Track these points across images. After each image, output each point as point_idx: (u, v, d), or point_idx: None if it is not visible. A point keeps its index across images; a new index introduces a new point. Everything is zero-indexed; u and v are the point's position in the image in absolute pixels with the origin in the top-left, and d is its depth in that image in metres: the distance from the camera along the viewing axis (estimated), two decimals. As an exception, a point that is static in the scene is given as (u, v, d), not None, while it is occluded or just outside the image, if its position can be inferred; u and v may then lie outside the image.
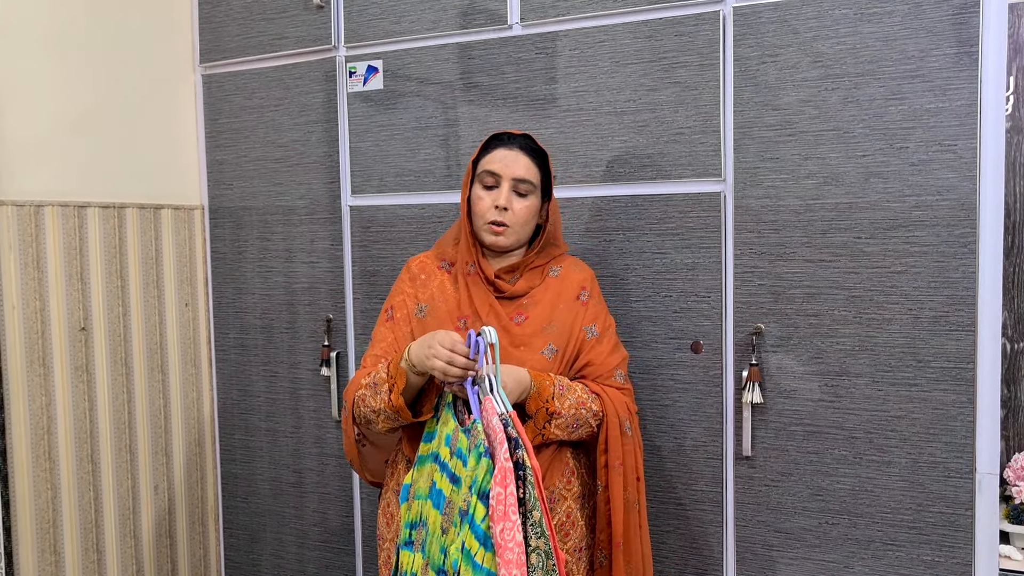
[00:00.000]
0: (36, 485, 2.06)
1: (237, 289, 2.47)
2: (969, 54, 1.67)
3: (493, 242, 1.68)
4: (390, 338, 1.71)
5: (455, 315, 1.69)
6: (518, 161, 1.67)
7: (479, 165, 1.71)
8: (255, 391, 2.47)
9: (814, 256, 1.81)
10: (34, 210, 2.04)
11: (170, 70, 2.43)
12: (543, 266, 1.74)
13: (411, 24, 2.17)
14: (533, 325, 1.67)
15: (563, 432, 1.60)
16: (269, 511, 2.48)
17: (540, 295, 1.70)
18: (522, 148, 1.69)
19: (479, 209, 1.68)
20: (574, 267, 1.76)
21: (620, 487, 1.63)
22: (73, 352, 2.14)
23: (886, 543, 1.79)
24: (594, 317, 1.71)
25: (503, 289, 1.69)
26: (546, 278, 1.73)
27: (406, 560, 1.53)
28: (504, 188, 1.66)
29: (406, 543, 1.54)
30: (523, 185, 1.67)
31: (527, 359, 1.63)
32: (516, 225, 1.68)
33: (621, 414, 1.65)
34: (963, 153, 1.69)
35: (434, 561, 1.46)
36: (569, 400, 1.59)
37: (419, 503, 1.54)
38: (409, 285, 1.75)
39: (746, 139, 1.86)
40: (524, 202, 1.68)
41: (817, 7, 1.78)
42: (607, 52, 1.97)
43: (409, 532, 1.54)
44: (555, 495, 1.65)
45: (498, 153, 1.69)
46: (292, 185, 2.36)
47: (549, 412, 1.58)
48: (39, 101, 2.07)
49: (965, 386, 1.71)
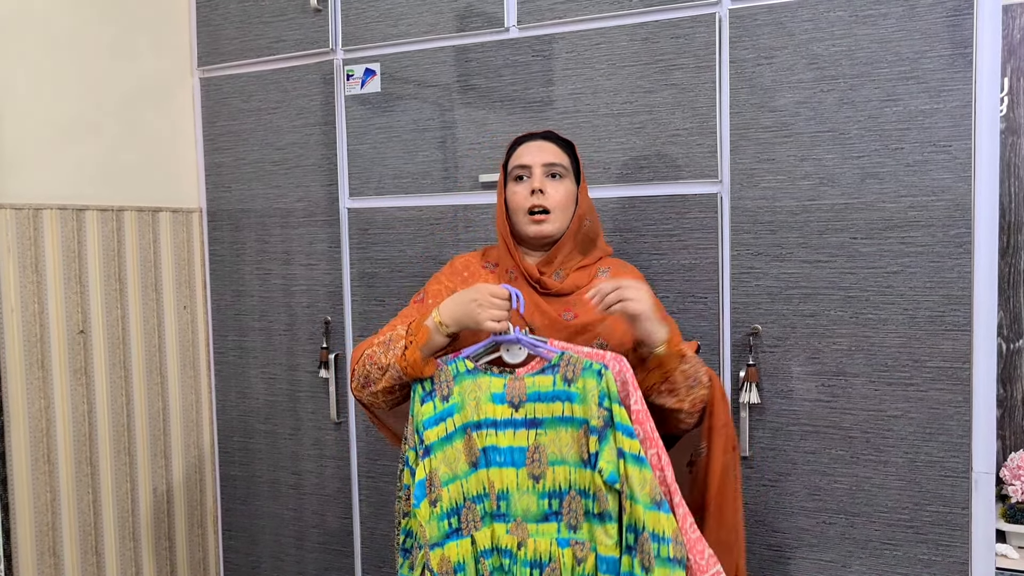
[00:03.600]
0: (35, 488, 2.06)
1: (236, 292, 2.48)
2: (964, 56, 1.68)
3: (537, 231, 1.64)
4: (415, 316, 1.64)
5: None
6: (544, 149, 1.67)
7: (509, 166, 1.70)
8: (254, 393, 2.47)
9: (811, 257, 1.82)
10: (33, 213, 2.04)
11: (168, 73, 2.44)
12: (591, 266, 1.70)
13: (408, 27, 2.18)
14: (583, 320, 1.62)
15: (683, 381, 1.52)
16: (268, 513, 2.48)
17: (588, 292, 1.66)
18: (547, 138, 1.70)
19: (516, 202, 1.66)
20: (623, 268, 1.73)
21: (721, 449, 1.59)
22: (72, 355, 2.14)
23: (883, 542, 1.80)
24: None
25: (549, 286, 1.65)
26: (594, 278, 1.68)
27: (450, 552, 1.48)
28: (537, 174, 1.64)
29: (447, 536, 1.49)
30: (555, 168, 1.65)
31: None
32: (556, 209, 1.64)
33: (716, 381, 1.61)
34: (958, 154, 1.70)
35: (530, 513, 1.49)
36: (689, 353, 1.54)
37: (462, 483, 1.51)
38: (449, 278, 1.72)
39: (742, 141, 1.87)
40: (560, 184, 1.65)
41: (812, 9, 1.79)
42: (604, 54, 1.98)
43: (448, 523, 1.49)
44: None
45: (523, 147, 1.69)
46: (290, 188, 2.37)
47: (680, 355, 1.51)
48: (37, 105, 2.07)
49: (961, 385, 1.72)
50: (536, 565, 1.46)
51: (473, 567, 1.48)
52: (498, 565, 1.49)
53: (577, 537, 1.46)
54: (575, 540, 1.46)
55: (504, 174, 1.71)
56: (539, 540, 1.47)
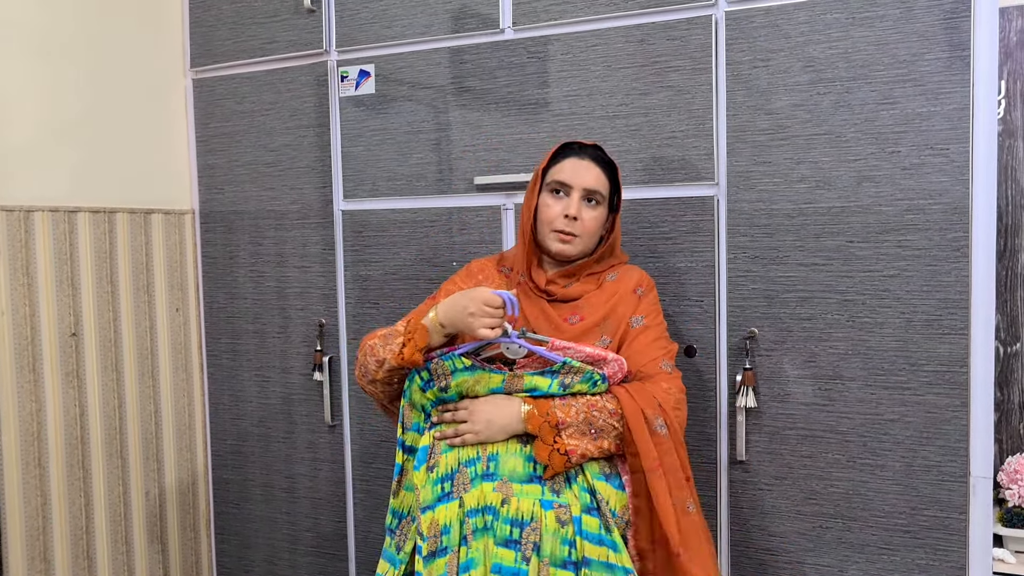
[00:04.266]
0: (26, 492, 2.04)
1: (229, 294, 2.46)
2: (961, 58, 1.68)
3: (560, 250, 1.66)
4: (426, 312, 1.65)
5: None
6: (590, 171, 1.66)
7: (548, 174, 1.69)
8: (247, 396, 2.46)
9: (807, 260, 1.81)
10: (24, 215, 2.02)
11: (161, 74, 2.42)
12: (600, 273, 1.72)
13: (403, 28, 2.17)
14: (587, 323, 1.64)
15: (582, 441, 1.52)
16: (261, 517, 2.47)
17: (596, 297, 1.68)
18: (593, 159, 1.68)
19: (547, 216, 1.66)
20: (631, 270, 1.73)
21: (665, 491, 1.51)
22: (63, 358, 2.12)
23: (880, 547, 1.79)
24: (645, 311, 1.66)
25: (554, 293, 1.68)
26: (603, 283, 1.70)
27: (440, 515, 1.51)
28: (575, 198, 1.65)
29: (439, 499, 1.53)
30: (594, 195, 1.66)
31: None
32: (585, 236, 1.66)
33: (648, 411, 1.52)
34: (955, 157, 1.69)
35: (516, 474, 1.54)
36: (575, 407, 1.53)
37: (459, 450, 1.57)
38: (463, 281, 1.74)
39: (739, 143, 1.86)
40: (593, 213, 1.67)
41: (809, 11, 1.78)
42: (599, 56, 1.97)
43: (442, 487, 1.54)
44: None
45: (568, 163, 1.67)
46: (284, 189, 2.35)
47: (552, 424, 1.51)
48: (29, 106, 2.06)
49: (959, 390, 1.72)
50: (517, 524, 1.49)
51: (458, 528, 1.52)
52: (482, 524, 1.51)
53: (560, 500, 1.50)
54: (558, 503, 1.50)
55: (541, 178, 1.70)
56: (522, 499, 1.51)
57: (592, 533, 1.49)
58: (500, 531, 1.49)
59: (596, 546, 1.48)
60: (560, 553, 1.47)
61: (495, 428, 1.55)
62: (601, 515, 1.52)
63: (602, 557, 1.48)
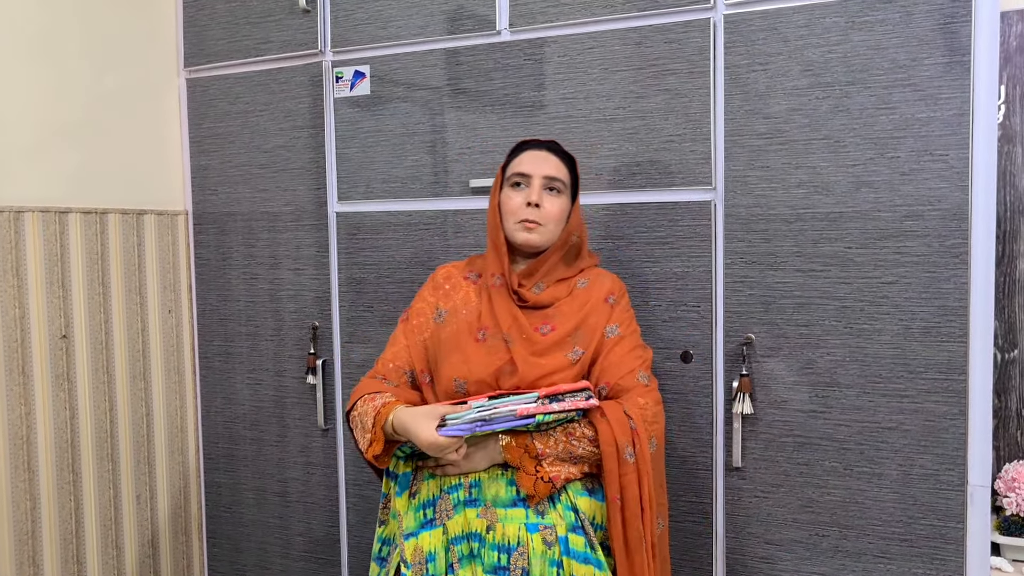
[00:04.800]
0: (14, 496, 2.02)
1: (221, 296, 2.44)
2: (961, 63, 1.66)
3: (526, 240, 1.66)
4: (402, 343, 1.73)
5: (475, 327, 1.66)
6: (548, 161, 1.68)
7: (508, 169, 1.71)
8: (239, 399, 2.44)
9: (804, 266, 1.80)
10: (14, 216, 2.00)
11: (154, 74, 2.40)
12: (570, 279, 1.71)
13: (399, 29, 2.15)
14: (559, 333, 1.63)
15: (563, 467, 1.53)
16: (253, 521, 2.45)
17: (567, 306, 1.67)
18: (551, 150, 1.71)
19: (510, 207, 1.67)
20: (602, 276, 1.73)
21: (619, 525, 1.52)
22: (54, 360, 2.10)
23: (877, 555, 1.78)
24: (618, 320, 1.67)
25: (527, 298, 1.67)
26: (573, 290, 1.70)
27: (423, 541, 1.50)
28: (535, 185, 1.66)
29: (422, 526, 1.53)
30: (554, 182, 1.67)
31: (550, 364, 1.60)
32: (549, 223, 1.66)
33: (620, 439, 1.52)
34: (954, 162, 1.68)
35: (499, 499, 1.53)
36: (554, 437, 1.53)
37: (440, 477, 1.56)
38: (431, 293, 1.76)
39: (736, 147, 1.84)
40: (556, 200, 1.67)
41: (808, 15, 1.77)
42: (596, 59, 1.95)
43: (424, 513, 1.54)
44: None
45: (527, 155, 1.70)
46: (277, 191, 2.33)
47: (532, 455, 1.52)
48: (19, 105, 2.04)
49: (957, 397, 1.70)
50: (504, 549, 1.48)
51: (443, 555, 1.50)
52: (468, 552, 1.50)
53: (545, 522, 1.50)
54: (543, 525, 1.49)
55: (502, 176, 1.72)
56: (507, 525, 1.50)
57: (578, 552, 1.49)
58: (488, 558, 1.48)
59: (582, 565, 1.48)
60: (548, 575, 1.46)
61: (475, 459, 1.55)
62: (585, 533, 1.52)
63: (588, 575, 1.47)
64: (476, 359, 1.62)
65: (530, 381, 1.58)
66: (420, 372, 1.70)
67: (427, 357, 1.70)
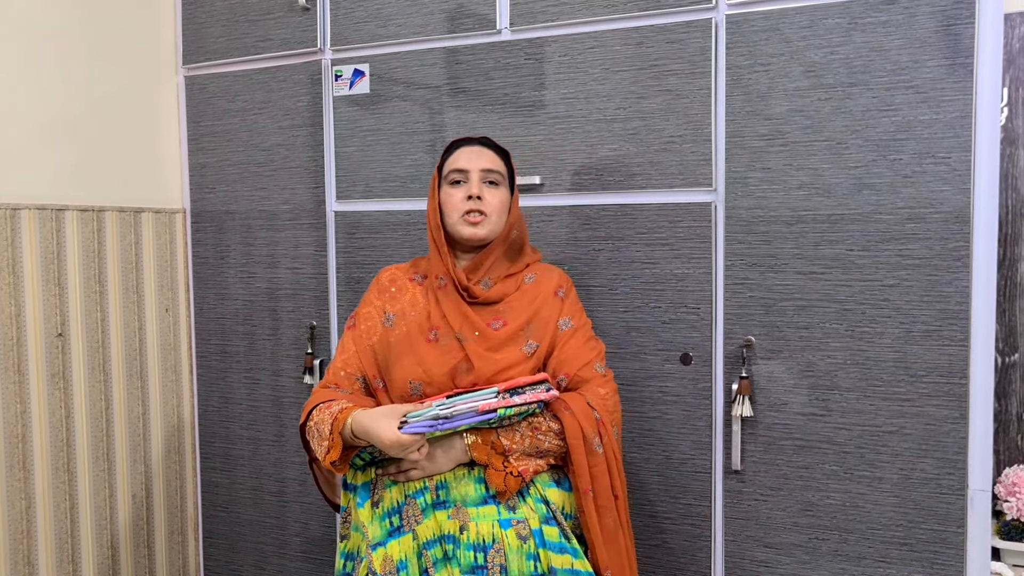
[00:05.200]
0: (10, 495, 2.01)
1: (219, 295, 2.43)
2: (964, 65, 1.65)
3: (472, 233, 1.66)
4: (352, 349, 1.71)
5: (425, 327, 1.67)
6: (483, 155, 1.71)
7: (445, 168, 1.72)
8: (236, 398, 2.43)
9: (805, 268, 1.79)
10: (10, 213, 1.99)
11: (152, 71, 2.39)
12: (517, 274, 1.73)
13: (398, 28, 2.14)
14: (511, 328, 1.65)
15: (531, 460, 1.55)
16: (250, 520, 2.44)
17: (516, 300, 1.69)
18: (484, 144, 1.73)
19: (452, 205, 1.68)
20: (549, 271, 1.76)
21: (594, 515, 1.56)
22: (49, 358, 2.09)
23: (877, 559, 1.77)
24: (570, 312, 1.70)
25: (476, 295, 1.67)
26: (521, 285, 1.72)
27: (392, 550, 1.48)
28: (474, 179, 1.68)
29: (390, 534, 1.50)
30: (492, 175, 1.69)
31: (506, 359, 1.62)
32: (492, 214, 1.68)
33: (588, 431, 1.56)
34: (956, 165, 1.67)
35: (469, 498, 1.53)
36: (520, 432, 1.54)
37: (403, 484, 1.54)
38: (377, 297, 1.75)
39: (737, 148, 1.83)
40: (496, 192, 1.70)
41: (810, 16, 1.76)
42: (597, 59, 1.94)
43: (390, 521, 1.52)
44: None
45: (462, 152, 1.72)
46: (276, 190, 2.32)
47: (499, 451, 1.53)
48: (16, 102, 2.02)
49: (957, 401, 1.69)
50: (480, 548, 1.48)
51: (416, 562, 1.49)
52: (441, 555, 1.49)
53: (517, 517, 1.50)
54: (516, 520, 1.50)
55: (439, 176, 1.74)
56: (481, 523, 1.50)
57: (553, 542, 1.49)
58: (464, 559, 1.47)
59: (559, 555, 1.48)
60: (527, 569, 1.46)
61: (440, 461, 1.54)
62: (558, 524, 1.52)
63: (566, 565, 1.48)
64: (430, 359, 1.63)
65: (487, 377, 1.59)
66: (372, 378, 1.69)
67: (377, 362, 1.69)
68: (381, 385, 1.68)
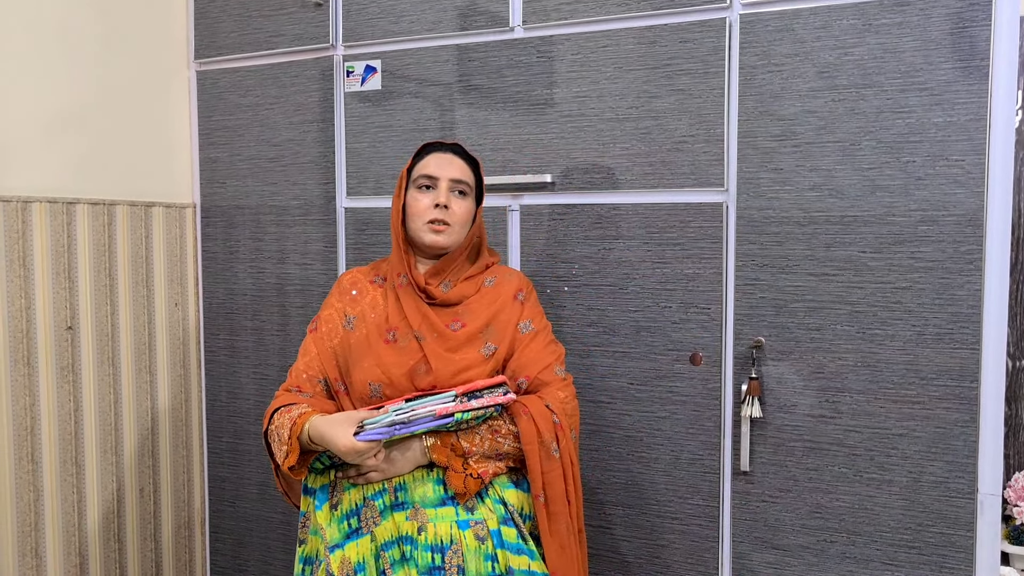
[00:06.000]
0: (18, 488, 2.01)
1: (228, 290, 2.43)
2: (979, 68, 1.64)
3: (434, 241, 1.66)
4: (313, 351, 1.71)
5: (384, 328, 1.67)
6: (453, 163, 1.70)
7: (413, 172, 1.71)
8: (245, 393, 2.43)
9: (817, 269, 1.78)
10: (21, 206, 1.99)
11: (163, 66, 2.39)
12: (477, 276, 1.73)
13: (411, 24, 2.14)
14: (470, 329, 1.65)
15: (490, 463, 1.56)
16: (256, 515, 2.44)
17: (476, 303, 1.70)
18: (456, 153, 1.73)
19: (417, 210, 1.67)
20: (509, 275, 1.76)
21: (545, 520, 1.56)
22: (59, 352, 2.09)
23: (885, 562, 1.76)
24: (530, 315, 1.71)
25: (435, 296, 1.68)
26: (481, 287, 1.72)
27: (350, 552, 1.49)
28: (443, 188, 1.67)
29: (347, 536, 1.51)
30: (461, 185, 1.69)
31: (464, 360, 1.62)
32: (456, 224, 1.68)
33: (545, 435, 1.56)
34: (970, 168, 1.66)
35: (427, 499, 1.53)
36: (479, 435, 1.55)
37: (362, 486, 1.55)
38: (337, 299, 1.75)
39: (749, 149, 1.82)
40: (463, 202, 1.70)
41: (824, 17, 1.75)
42: (609, 57, 1.94)
43: (348, 523, 1.53)
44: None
45: (432, 158, 1.71)
46: (286, 185, 2.32)
47: (459, 453, 1.54)
48: (28, 96, 2.03)
49: (968, 405, 1.68)
50: (438, 549, 1.48)
51: (373, 564, 1.49)
52: (399, 556, 1.49)
53: (475, 518, 1.51)
54: (474, 521, 1.50)
55: (406, 178, 1.73)
56: (439, 524, 1.50)
57: (511, 543, 1.50)
58: (422, 560, 1.47)
59: (516, 556, 1.49)
60: (484, 570, 1.47)
61: (399, 463, 1.55)
62: (516, 525, 1.54)
63: (523, 566, 1.49)
64: (388, 360, 1.63)
65: (445, 377, 1.60)
66: (334, 380, 1.69)
67: (339, 364, 1.69)
68: (343, 388, 1.69)
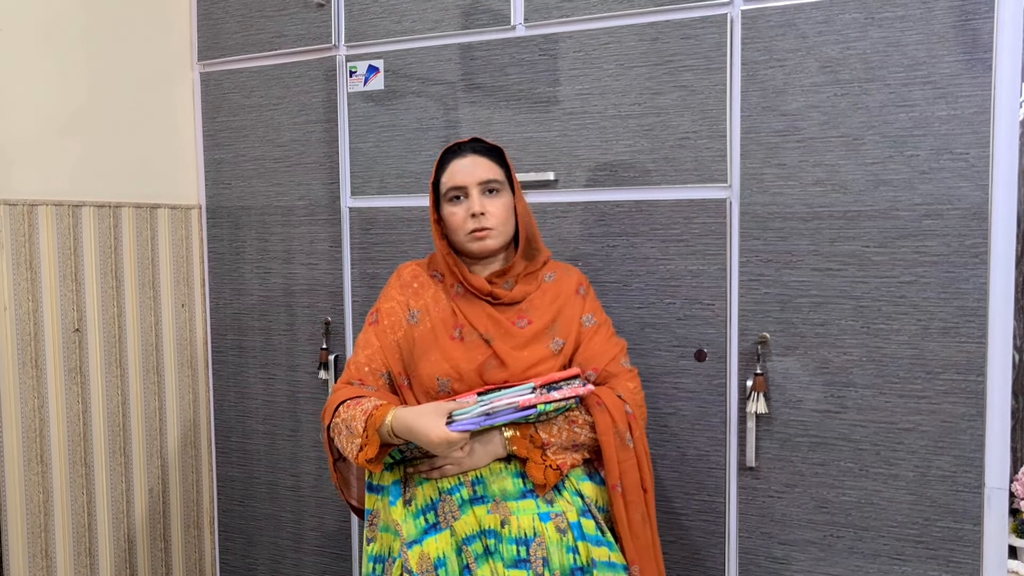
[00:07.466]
0: (28, 489, 2.02)
1: (235, 290, 2.44)
2: (982, 60, 1.64)
3: (481, 248, 1.64)
4: (376, 344, 1.66)
5: (450, 324, 1.65)
6: (477, 165, 1.66)
7: (441, 186, 1.69)
8: (252, 394, 2.44)
9: (821, 264, 1.78)
10: (28, 209, 2.00)
11: (168, 67, 2.40)
12: (536, 272, 1.72)
13: (413, 23, 2.14)
14: (537, 326, 1.64)
15: (567, 454, 1.55)
16: (265, 515, 2.45)
17: (539, 299, 1.69)
18: (475, 151, 1.68)
19: (455, 224, 1.65)
20: (567, 270, 1.76)
21: (623, 511, 1.56)
22: (67, 353, 2.10)
23: (892, 557, 1.76)
24: (591, 309, 1.70)
25: (500, 296, 1.66)
26: (541, 283, 1.71)
27: (429, 548, 1.47)
28: (474, 195, 1.64)
29: (425, 532, 1.50)
30: (490, 184, 1.65)
31: (533, 355, 1.61)
32: (498, 224, 1.65)
33: (620, 426, 1.56)
34: (975, 161, 1.65)
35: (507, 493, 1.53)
36: (557, 426, 1.55)
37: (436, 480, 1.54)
38: (399, 292, 1.72)
39: (752, 144, 1.82)
40: (498, 200, 1.66)
41: (826, 11, 1.75)
42: (612, 54, 1.94)
43: (425, 519, 1.51)
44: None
45: (455, 165, 1.67)
46: (291, 185, 2.33)
47: (538, 444, 1.54)
48: (33, 98, 2.04)
49: (975, 398, 1.68)
50: (522, 542, 1.47)
51: (455, 559, 1.48)
52: (482, 550, 1.48)
53: (555, 510, 1.51)
54: (554, 513, 1.50)
55: (434, 193, 1.70)
56: (522, 517, 1.50)
57: (591, 535, 1.50)
58: (507, 552, 1.46)
59: (596, 547, 1.49)
60: (567, 562, 1.46)
61: (477, 455, 1.54)
62: (593, 517, 1.54)
63: (603, 557, 1.49)
64: (457, 355, 1.62)
65: (518, 373, 1.59)
66: (397, 374, 1.65)
67: (402, 358, 1.66)
68: (406, 382, 1.66)
